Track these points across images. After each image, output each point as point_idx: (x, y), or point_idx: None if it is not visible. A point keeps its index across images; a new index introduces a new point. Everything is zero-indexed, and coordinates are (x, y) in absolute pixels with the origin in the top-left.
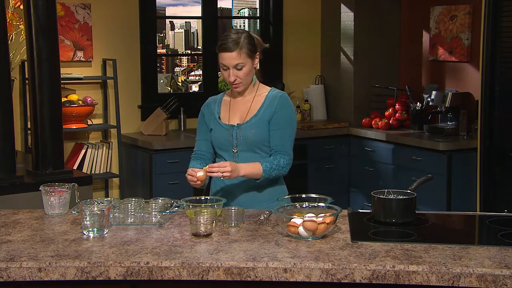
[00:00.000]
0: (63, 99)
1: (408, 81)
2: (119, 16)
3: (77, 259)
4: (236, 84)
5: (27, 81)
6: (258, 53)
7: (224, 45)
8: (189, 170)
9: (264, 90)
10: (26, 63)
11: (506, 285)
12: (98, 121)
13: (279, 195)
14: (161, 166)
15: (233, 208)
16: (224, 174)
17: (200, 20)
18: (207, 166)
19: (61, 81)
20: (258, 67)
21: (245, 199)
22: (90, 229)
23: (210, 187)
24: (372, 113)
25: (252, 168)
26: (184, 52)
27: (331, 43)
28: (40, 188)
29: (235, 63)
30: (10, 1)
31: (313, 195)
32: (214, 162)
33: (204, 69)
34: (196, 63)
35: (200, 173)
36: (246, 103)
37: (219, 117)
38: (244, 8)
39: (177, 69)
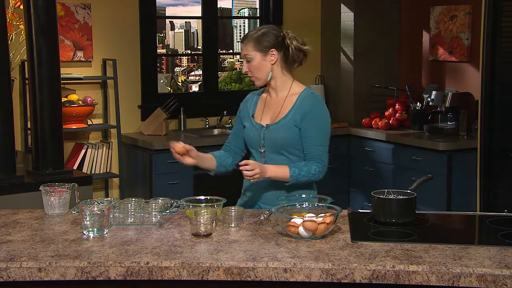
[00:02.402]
0: (63, 99)
1: (408, 81)
2: (119, 16)
3: (77, 259)
4: (250, 77)
5: (27, 81)
6: (275, 50)
7: (242, 38)
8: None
9: (298, 89)
10: (26, 63)
11: (506, 285)
12: (98, 121)
13: (307, 195)
14: (161, 166)
15: (233, 208)
16: (249, 174)
17: (200, 20)
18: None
19: (61, 81)
20: (282, 64)
21: (271, 198)
22: (90, 229)
23: (244, 183)
24: (372, 113)
25: (278, 172)
26: (184, 52)
27: (331, 43)
28: (40, 188)
29: (243, 53)
30: (10, 1)
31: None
32: (243, 157)
33: (204, 69)
34: (196, 63)
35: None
36: (279, 102)
37: (253, 115)
38: (244, 8)
39: (177, 69)
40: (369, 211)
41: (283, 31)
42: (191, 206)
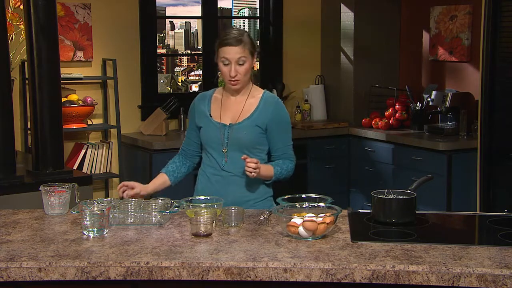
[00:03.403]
0: (63, 99)
1: (408, 81)
2: (119, 16)
3: (77, 259)
4: (236, 80)
5: (27, 81)
6: (255, 54)
7: (228, 40)
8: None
9: (257, 93)
10: (26, 63)
11: (506, 285)
12: (98, 121)
13: (265, 196)
14: (161, 166)
15: (233, 208)
16: (255, 171)
17: (200, 20)
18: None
19: (61, 81)
20: (254, 68)
21: (231, 199)
22: (90, 229)
23: (196, 187)
24: (372, 113)
25: (266, 171)
26: (184, 52)
27: (331, 43)
28: (40, 188)
29: (238, 56)
30: (10, 1)
31: (313, 195)
32: (200, 159)
33: (204, 69)
34: (196, 63)
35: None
36: (239, 104)
37: (210, 115)
38: (244, 8)
39: (177, 69)
40: (369, 211)
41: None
42: (191, 206)
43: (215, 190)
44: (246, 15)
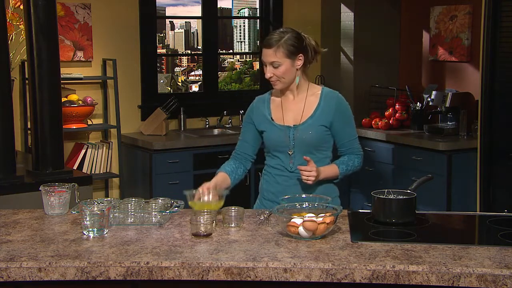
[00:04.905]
0: (63, 99)
1: (408, 81)
2: (119, 16)
3: (77, 259)
4: (273, 81)
5: (27, 81)
6: (302, 54)
7: (266, 41)
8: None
9: (316, 90)
10: (26, 63)
11: (506, 285)
12: (98, 121)
13: (331, 195)
14: (161, 166)
15: (233, 208)
16: (310, 178)
17: (200, 20)
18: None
19: (61, 81)
20: (302, 68)
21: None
22: (90, 229)
23: (261, 186)
24: (372, 113)
25: (329, 172)
26: (184, 52)
27: (331, 43)
28: (40, 188)
29: (271, 60)
30: (10, 1)
31: (313, 195)
32: (253, 163)
33: (204, 69)
34: (196, 63)
35: (205, 198)
36: (298, 103)
37: (272, 118)
38: (244, 8)
39: (177, 69)
40: (369, 211)
41: (302, 34)
42: (194, 191)
43: (281, 190)
44: (246, 15)
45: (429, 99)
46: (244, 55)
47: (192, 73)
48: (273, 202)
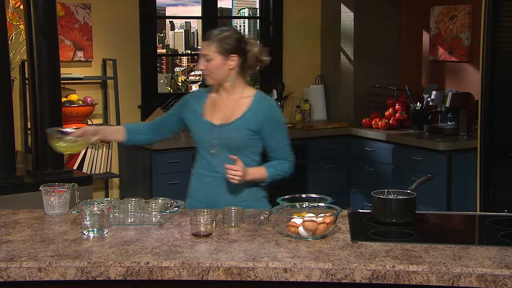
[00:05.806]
0: (63, 99)
1: (408, 81)
2: (119, 16)
3: (77, 259)
4: (204, 75)
5: (27, 81)
6: (236, 55)
7: (205, 35)
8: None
9: (250, 93)
10: (26, 63)
11: (506, 285)
12: (98, 121)
13: (257, 196)
14: (161, 166)
15: (233, 208)
16: (235, 178)
17: (200, 20)
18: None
19: (61, 81)
20: (238, 70)
21: (223, 200)
22: (90, 229)
23: (190, 183)
24: (372, 113)
25: (257, 174)
26: (184, 52)
27: (331, 43)
28: (40, 188)
29: (204, 53)
30: (10, 1)
31: (313, 195)
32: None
33: None
34: (196, 63)
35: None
36: (231, 103)
37: (202, 114)
38: (244, 8)
39: (177, 69)
40: (369, 211)
41: (245, 37)
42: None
43: (208, 192)
44: (246, 15)
45: (429, 99)
46: None
47: (192, 73)
48: (201, 203)
